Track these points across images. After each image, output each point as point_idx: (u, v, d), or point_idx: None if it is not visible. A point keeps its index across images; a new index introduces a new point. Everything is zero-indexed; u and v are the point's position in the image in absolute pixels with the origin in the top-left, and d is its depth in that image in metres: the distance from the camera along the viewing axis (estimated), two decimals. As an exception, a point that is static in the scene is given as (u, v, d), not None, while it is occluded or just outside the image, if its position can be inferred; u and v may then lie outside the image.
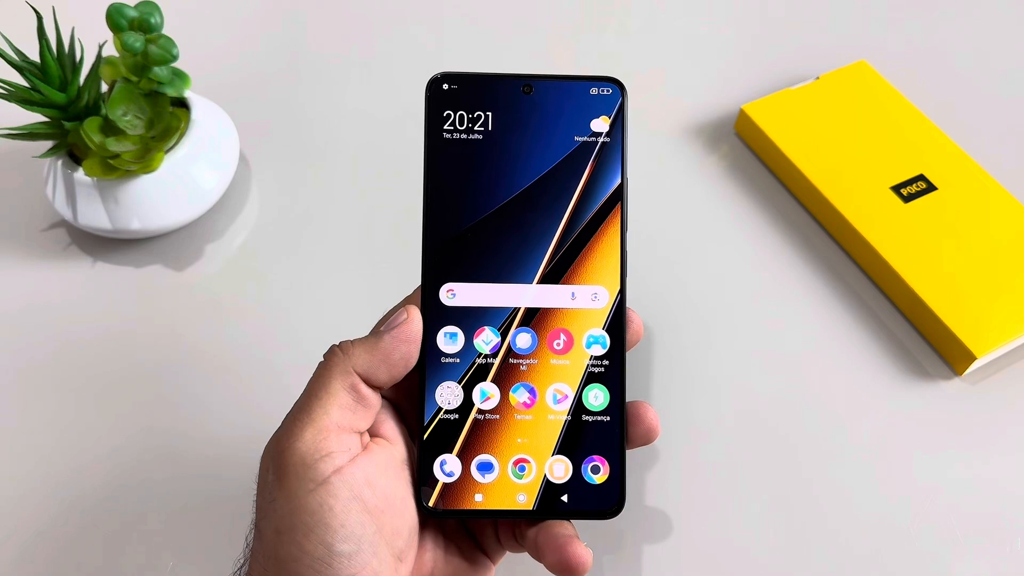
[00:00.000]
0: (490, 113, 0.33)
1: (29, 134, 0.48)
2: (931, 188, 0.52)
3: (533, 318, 0.32)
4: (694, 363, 0.47)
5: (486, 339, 0.32)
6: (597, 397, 0.32)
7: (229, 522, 0.40)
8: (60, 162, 0.50)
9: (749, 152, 0.57)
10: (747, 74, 0.62)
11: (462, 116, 0.33)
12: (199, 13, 0.67)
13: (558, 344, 0.32)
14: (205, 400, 0.46)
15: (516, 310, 0.32)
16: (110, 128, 0.49)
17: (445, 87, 0.33)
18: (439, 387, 0.32)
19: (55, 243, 0.54)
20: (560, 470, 0.32)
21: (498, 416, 0.32)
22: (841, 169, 0.53)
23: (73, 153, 0.51)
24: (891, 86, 0.58)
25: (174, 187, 0.50)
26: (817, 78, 0.58)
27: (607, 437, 0.32)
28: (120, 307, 0.51)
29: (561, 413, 0.32)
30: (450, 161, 0.33)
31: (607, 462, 0.32)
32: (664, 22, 0.67)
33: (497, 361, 0.32)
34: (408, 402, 0.33)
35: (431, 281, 0.32)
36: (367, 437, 0.31)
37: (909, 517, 0.42)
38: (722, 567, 0.41)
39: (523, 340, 0.32)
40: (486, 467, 0.32)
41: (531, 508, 0.32)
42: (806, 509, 0.42)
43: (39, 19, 0.46)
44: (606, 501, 0.32)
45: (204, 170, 0.52)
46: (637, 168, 0.53)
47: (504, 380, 0.32)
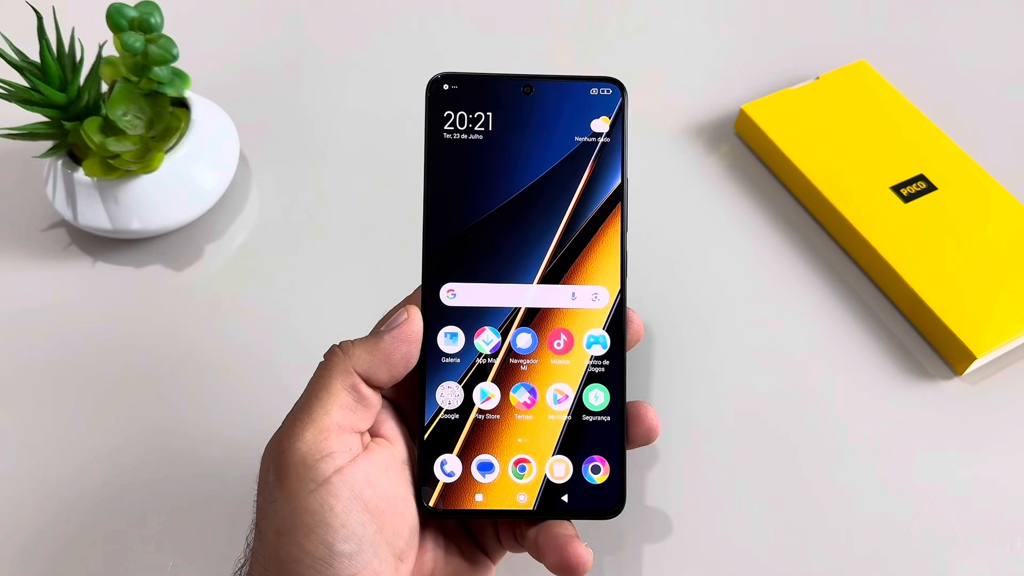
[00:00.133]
0: (490, 113, 0.33)
1: (29, 134, 0.48)
2: (931, 188, 0.52)
3: (533, 318, 0.32)
4: (694, 363, 0.47)
5: (486, 339, 0.32)
6: (597, 397, 0.32)
7: (229, 522, 0.40)
8: (60, 162, 0.50)
9: (749, 152, 0.57)
10: (747, 74, 0.62)
11: (462, 116, 0.33)
12: (199, 13, 0.67)
13: (558, 344, 0.32)
14: (205, 400, 0.46)
15: (516, 310, 0.32)
16: (110, 128, 0.49)
17: (445, 87, 0.33)
18: (439, 387, 0.32)
19: (55, 243, 0.54)
20: (560, 470, 0.32)
21: (498, 416, 0.32)
22: (841, 169, 0.53)
23: (73, 153, 0.51)
24: (891, 86, 0.58)
25: (174, 187, 0.50)
26: (817, 78, 0.58)
27: (607, 437, 0.32)
28: (120, 307, 0.51)
29: (561, 413, 0.32)
30: (450, 161, 0.33)
31: (607, 462, 0.32)
32: (664, 22, 0.67)
33: (497, 361, 0.32)
34: (409, 402, 0.33)
35: (431, 281, 0.32)
36: (368, 437, 0.31)
37: (909, 517, 0.42)
38: (722, 567, 0.41)
39: (523, 340, 0.32)
40: (486, 467, 0.32)
41: (531, 508, 0.32)
42: (806, 509, 0.42)
43: (39, 19, 0.46)
44: (606, 501, 0.32)
45: (204, 170, 0.52)
46: (637, 168, 0.53)
47: (504, 380, 0.32)
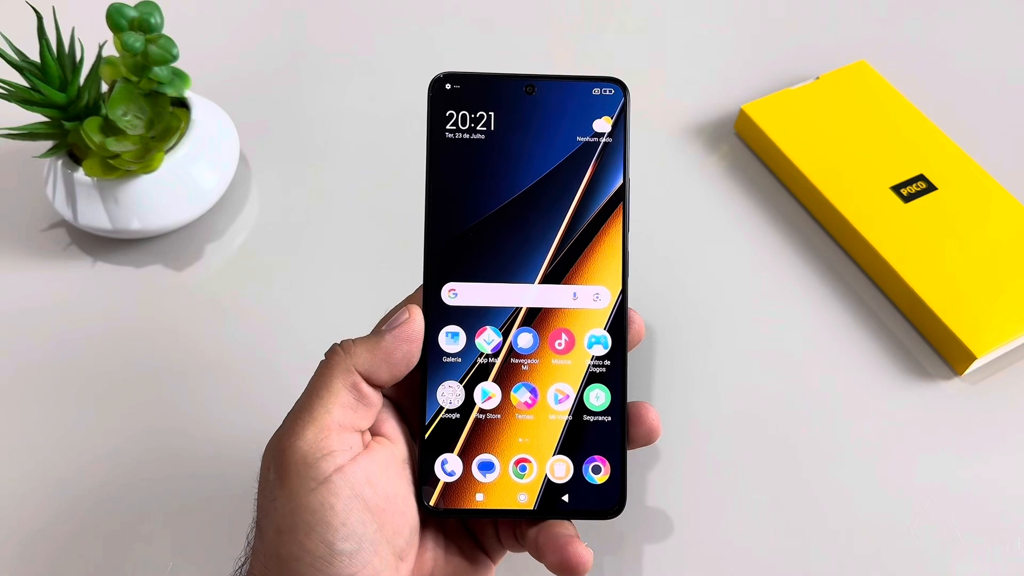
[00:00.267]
0: (492, 113, 0.33)
1: (29, 134, 0.48)
2: (931, 188, 0.52)
3: (535, 318, 0.32)
4: (694, 363, 0.47)
5: (488, 339, 0.32)
6: (598, 397, 0.32)
7: (229, 522, 0.40)
8: (60, 162, 0.50)
9: (749, 152, 0.57)
10: (747, 74, 0.62)
11: (464, 116, 0.33)
12: (199, 13, 0.67)
13: (560, 344, 0.32)
14: (205, 400, 0.46)
15: (518, 310, 0.32)
16: (110, 128, 0.49)
17: (448, 87, 0.33)
18: (440, 386, 0.32)
19: (55, 243, 0.54)
20: (561, 470, 0.32)
21: (499, 416, 0.32)
22: (841, 169, 0.53)
23: (73, 153, 0.51)
24: (891, 86, 0.58)
25: (174, 187, 0.50)
26: (817, 78, 0.58)
27: (608, 437, 0.32)
28: (120, 307, 0.51)
29: (562, 413, 0.32)
30: (452, 161, 0.33)
31: (608, 462, 0.32)
32: (664, 22, 0.67)
33: (499, 361, 0.32)
34: (410, 401, 0.33)
35: (433, 281, 0.32)
36: (368, 436, 0.31)
37: (909, 517, 0.42)
38: (723, 567, 0.41)
39: (525, 340, 0.32)
40: (487, 467, 0.32)
41: (532, 508, 0.32)
42: (806, 509, 0.42)
43: (39, 19, 0.46)
44: (607, 501, 0.32)
45: (204, 170, 0.52)
46: (637, 168, 0.53)
47: (505, 380, 0.32)
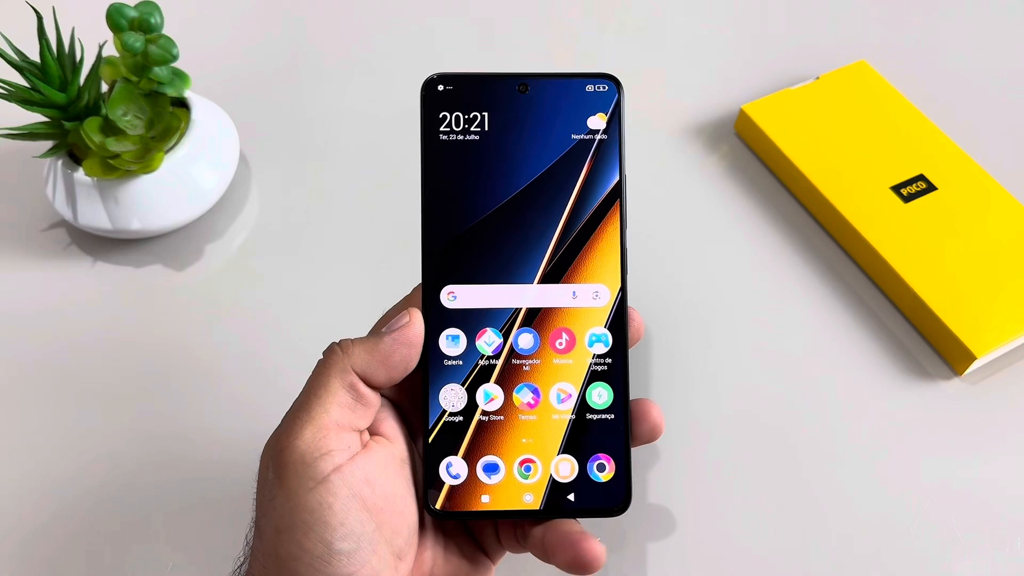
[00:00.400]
0: (486, 113, 0.33)
1: (29, 134, 0.48)
2: (931, 188, 0.52)
3: (535, 318, 0.32)
4: (694, 363, 0.47)
5: (488, 340, 0.32)
6: (601, 395, 0.32)
7: (229, 522, 0.40)
8: (60, 162, 0.50)
9: (749, 152, 0.57)
10: (747, 74, 0.62)
11: (458, 117, 0.33)
12: (199, 13, 0.67)
13: (560, 343, 0.32)
14: (205, 400, 0.46)
15: (517, 311, 0.32)
16: (110, 128, 0.49)
17: (440, 88, 0.33)
18: (443, 390, 0.32)
19: (55, 243, 0.54)
20: (566, 469, 0.32)
21: (502, 417, 0.32)
22: (841, 169, 0.53)
23: (73, 153, 0.51)
24: (891, 86, 0.58)
25: (174, 187, 0.50)
26: (817, 78, 0.58)
27: (612, 435, 0.32)
28: (120, 307, 0.51)
29: (565, 412, 0.32)
30: (447, 163, 0.33)
31: (612, 460, 0.32)
32: (664, 22, 0.67)
33: (500, 362, 0.32)
34: (409, 401, 0.33)
35: (431, 284, 0.32)
36: (367, 435, 0.31)
37: (909, 517, 0.42)
38: (724, 567, 0.41)
39: (525, 340, 0.32)
40: (492, 468, 0.32)
41: (538, 508, 0.32)
42: (806, 509, 0.42)
43: (39, 19, 0.46)
44: (613, 499, 0.32)
45: (204, 170, 0.52)
46: (637, 169, 0.53)
47: (507, 381, 0.32)
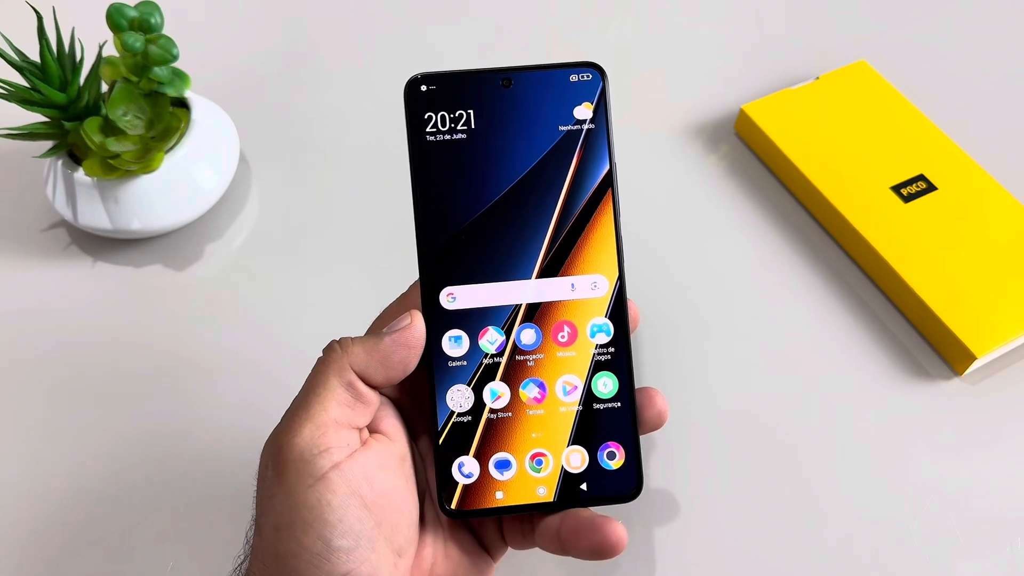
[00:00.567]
0: (471, 111, 0.32)
1: (29, 134, 0.48)
2: (931, 188, 0.52)
3: (535, 313, 0.32)
4: (694, 363, 0.47)
5: (491, 339, 0.32)
6: (606, 385, 0.32)
7: (229, 520, 0.40)
8: (60, 162, 0.50)
9: (749, 152, 0.57)
10: (747, 74, 0.62)
11: (444, 117, 0.32)
12: (199, 13, 0.67)
13: (562, 336, 0.32)
14: (205, 400, 0.46)
15: (518, 307, 0.32)
16: (110, 128, 0.49)
17: (423, 88, 0.33)
18: (449, 391, 0.32)
19: (55, 243, 0.54)
20: (577, 460, 0.32)
21: (510, 414, 0.32)
22: (841, 169, 0.53)
23: (73, 153, 0.51)
24: (891, 86, 0.58)
25: (174, 187, 0.50)
26: (817, 78, 0.58)
27: (620, 423, 0.32)
28: (120, 307, 0.51)
29: (572, 404, 0.32)
30: (436, 164, 0.32)
31: (622, 447, 0.32)
32: (664, 22, 0.67)
33: (504, 359, 0.32)
34: (409, 399, 0.33)
35: (430, 287, 0.32)
36: (366, 433, 0.31)
37: (909, 517, 0.42)
38: (724, 567, 0.41)
39: (527, 336, 0.32)
40: (504, 465, 0.32)
41: (552, 500, 0.32)
42: (806, 509, 0.42)
43: (39, 19, 0.46)
44: (625, 485, 0.32)
45: (204, 170, 0.52)
46: (637, 169, 0.53)
47: (513, 377, 0.32)
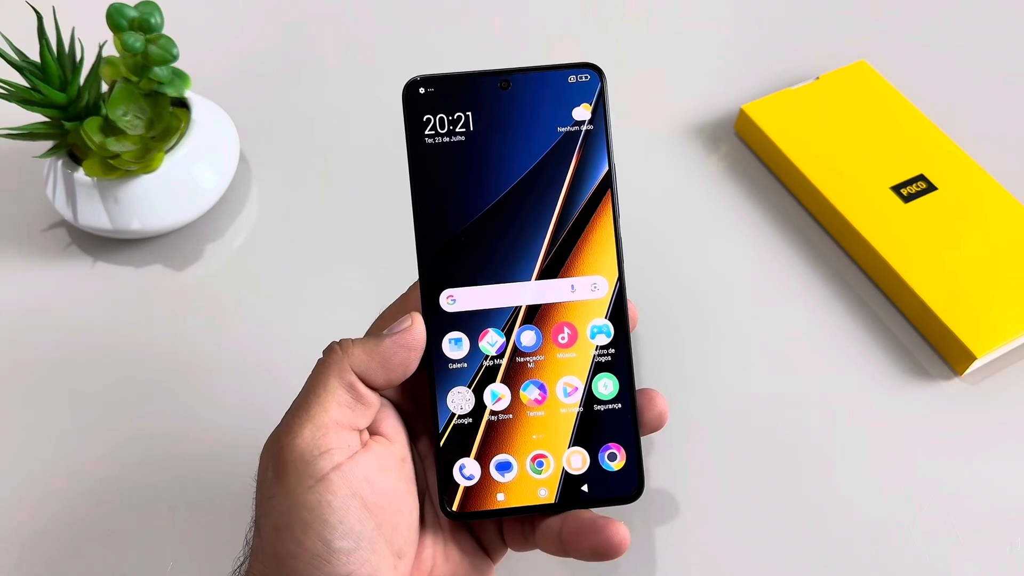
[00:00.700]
0: (470, 113, 0.32)
1: (29, 134, 0.48)
2: (931, 188, 0.52)
3: (535, 315, 0.32)
4: (694, 363, 0.47)
5: (491, 341, 0.32)
6: (607, 386, 0.32)
7: (229, 521, 0.40)
8: (60, 162, 0.50)
9: (749, 152, 0.57)
10: (747, 74, 0.62)
11: (442, 119, 0.32)
12: (199, 13, 0.67)
13: (563, 338, 0.32)
14: (205, 399, 0.46)
15: (518, 309, 0.32)
16: (110, 128, 0.49)
17: (422, 91, 0.33)
18: (450, 393, 0.32)
19: (55, 243, 0.54)
20: (578, 461, 0.32)
21: (511, 415, 0.32)
22: (841, 169, 0.53)
23: (73, 153, 0.51)
24: (891, 86, 0.58)
25: (174, 187, 0.50)
26: (817, 78, 0.58)
27: (620, 424, 0.32)
28: (120, 307, 0.51)
29: (573, 406, 0.32)
30: (435, 166, 0.32)
31: (623, 448, 0.32)
32: (664, 22, 0.67)
33: (504, 361, 0.32)
34: (410, 401, 0.33)
35: (430, 289, 0.32)
36: (367, 435, 0.31)
37: (909, 517, 0.42)
38: (723, 567, 0.41)
39: (528, 338, 0.32)
40: (505, 466, 0.32)
41: (553, 501, 0.32)
42: (805, 509, 0.42)
43: (39, 19, 0.46)
44: (626, 486, 0.32)
45: (204, 170, 0.52)
46: (637, 169, 0.53)
47: (513, 379, 0.32)
